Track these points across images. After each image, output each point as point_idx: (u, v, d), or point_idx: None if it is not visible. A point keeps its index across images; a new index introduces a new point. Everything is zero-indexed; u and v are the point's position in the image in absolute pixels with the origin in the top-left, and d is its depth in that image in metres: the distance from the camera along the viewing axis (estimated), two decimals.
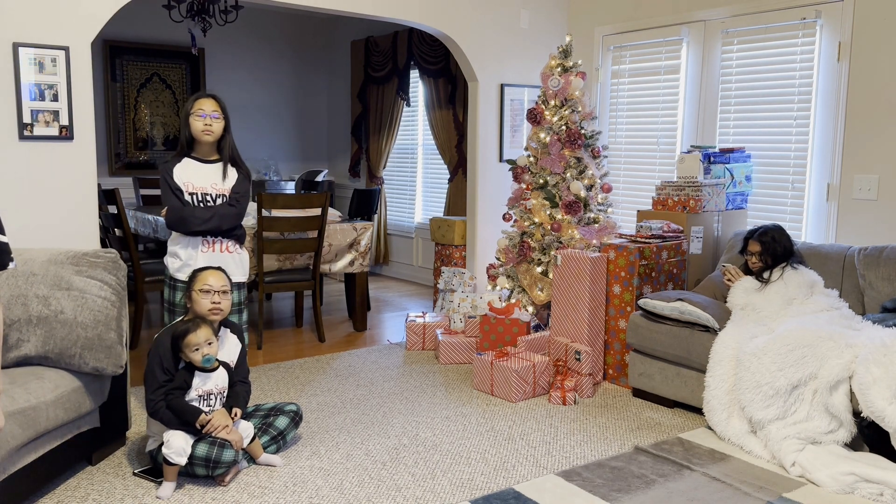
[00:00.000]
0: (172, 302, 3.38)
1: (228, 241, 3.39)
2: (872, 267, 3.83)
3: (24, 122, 3.62)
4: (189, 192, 3.29)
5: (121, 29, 6.96)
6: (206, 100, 3.28)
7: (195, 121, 3.26)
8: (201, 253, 3.32)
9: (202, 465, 2.96)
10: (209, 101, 3.28)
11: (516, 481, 3.08)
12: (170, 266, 3.37)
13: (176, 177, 3.29)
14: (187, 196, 3.29)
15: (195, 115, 3.26)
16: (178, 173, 3.30)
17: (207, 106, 3.27)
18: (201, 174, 3.33)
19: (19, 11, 3.60)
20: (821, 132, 4.43)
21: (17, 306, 2.96)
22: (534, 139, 4.95)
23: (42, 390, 2.79)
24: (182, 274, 3.32)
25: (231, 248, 3.39)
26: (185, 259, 3.32)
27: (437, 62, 6.75)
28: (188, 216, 3.26)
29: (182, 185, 3.29)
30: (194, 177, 3.32)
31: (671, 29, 5.15)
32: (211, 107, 3.28)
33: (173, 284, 3.38)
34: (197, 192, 3.30)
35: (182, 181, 3.29)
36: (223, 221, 3.31)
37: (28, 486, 2.78)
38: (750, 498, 2.93)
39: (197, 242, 3.32)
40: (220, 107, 3.31)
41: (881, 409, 2.98)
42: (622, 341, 4.28)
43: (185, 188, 3.29)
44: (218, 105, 3.30)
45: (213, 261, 3.31)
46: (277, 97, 8.16)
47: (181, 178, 3.30)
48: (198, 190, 3.31)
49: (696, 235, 4.46)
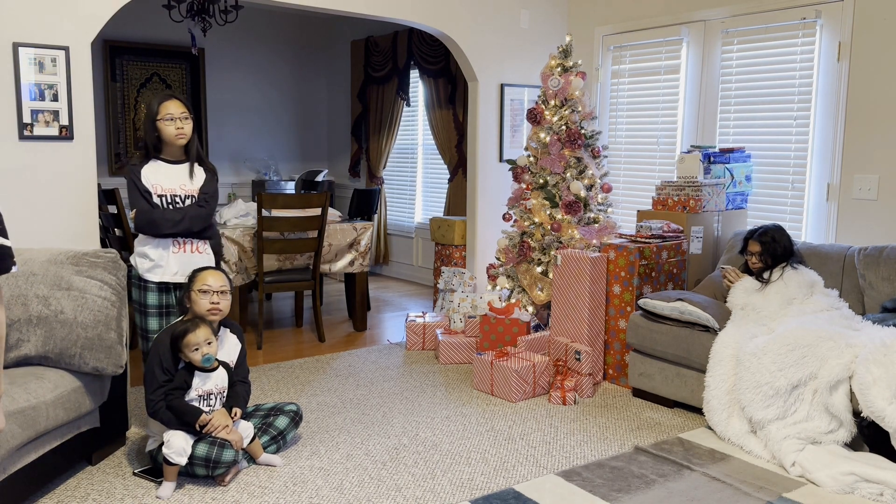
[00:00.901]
0: (143, 303, 3.33)
1: (199, 242, 3.35)
2: (872, 267, 3.83)
3: (24, 122, 3.62)
4: (158, 194, 3.24)
5: (121, 29, 6.96)
6: (171, 102, 3.22)
7: (166, 126, 3.21)
8: (172, 254, 3.28)
9: (202, 465, 2.96)
10: (175, 103, 3.22)
11: (516, 481, 3.08)
12: (139, 266, 3.31)
13: (144, 179, 3.24)
14: (156, 198, 3.24)
15: (164, 119, 3.20)
16: (146, 175, 3.25)
17: (175, 109, 3.21)
18: (170, 175, 3.28)
19: (19, 11, 3.60)
20: (821, 132, 4.43)
21: (17, 306, 2.96)
22: (534, 139, 4.95)
23: (42, 390, 2.79)
24: (152, 275, 3.28)
25: (201, 249, 3.36)
26: (155, 259, 3.27)
27: (437, 62, 6.75)
28: (158, 219, 3.21)
29: (150, 187, 3.24)
30: (163, 179, 3.27)
31: (671, 29, 5.15)
32: (179, 109, 3.22)
33: (143, 285, 3.31)
34: (166, 194, 3.26)
35: (150, 183, 3.24)
36: (193, 223, 3.27)
37: (28, 486, 2.78)
38: (750, 498, 2.93)
39: (167, 243, 3.28)
40: (187, 108, 3.27)
41: (881, 408, 2.98)
42: (622, 341, 4.28)
43: (153, 190, 3.24)
44: (184, 106, 3.25)
45: (183, 261, 3.27)
46: (277, 97, 8.16)
47: (149, 180, 3.25)
48: (167, 192, 3.26)
49: (696, 235, 4.46)
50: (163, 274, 3.26)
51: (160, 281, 3.27)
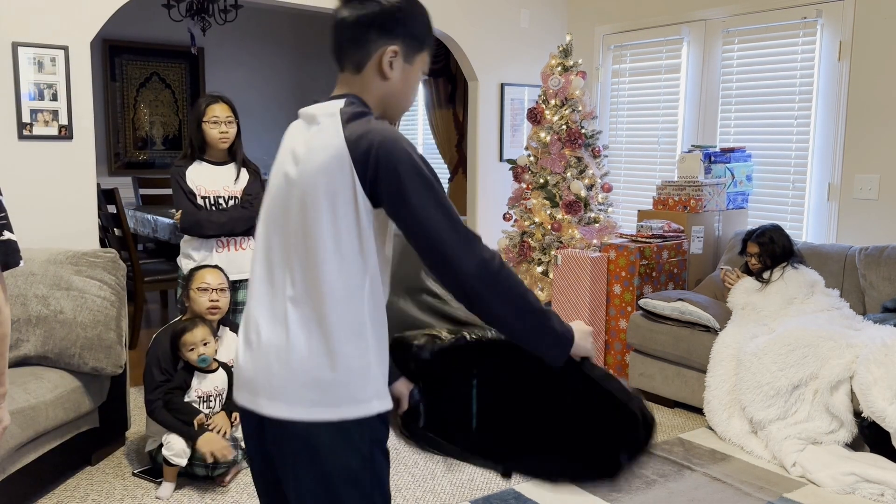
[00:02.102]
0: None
1: (242, 240, 3.37)
2: (873, 267, 3.82)
3: (24, 122, 3.61)
4: (202, 195, 3.28)
5: (120, 28, 6.95)
6: (218, 105, 3.26)
7: (210, 129, 3.25)
8: (216, 253, 3.31)
9: (202, 466, 2.95)
10: (222, 106, 3.27)
11: (516, 481, 3.08)
12: (184, 268, 3.34)
13: (189, 180, 3.28)
14: (200, 200, 3.28)
15: (209, 122, 3.24)
16: (190, 177, 3.29)
17: (221, 112, 3.26)
18: (213, 177, 3.32)
19: (19, 11, 3.59)
20: (821, 132, 4.42)
21: (16, 306, 2.95)
22: (534, 139, 4.94)
23: (41, 390, 2.79)
24: None
25: (244, 245, 3.38)
26: (199, 260, 3.30)
27: (437, 62, 6.74)
28: (203, 220, 3.25)
29: (195, 188, 3.28)
30: (207, 180, 3.31)
31: (671, 28, 5.14)
32: (225, 113, 3.27)
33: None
34: (209, 196, 3.29)
35: (195, 185, 3.28)
36: (237, 225, 3.30)
37: (28, 486, 2.77)
38: (750, 498, 2.92)
39: (211, 244, 3.31)
40: (233, 111, 3.31)
41: (882, 409, 2.98)
42: (622, 341, 4.28)
43: (197, 192, 3.28)
44: (231, 109, 3.30)
45: (228, 260, 3.30)
46: (277, 96, 8.16)
47: (194, 181, 3.29)
48: (210, 193, 3.30)
49: (696, 235, 4.45)
50: None
51: None
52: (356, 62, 1.49)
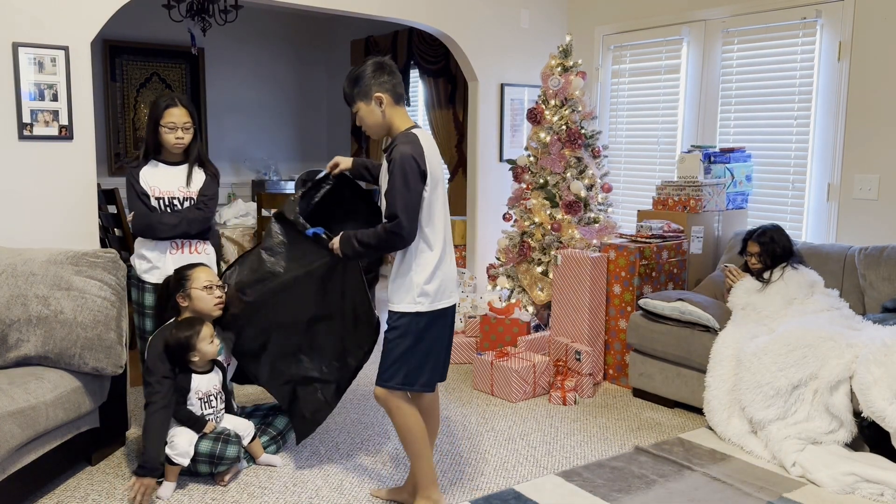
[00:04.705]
0: (141, 303, 3.31)
1: (198, 243, 3.33)
2: (873, 267, 3.82)
3: (24, 122, 3.61)
4: (155, 196, 3.23)
5: (120, 29, 6.95)
6: (177, 109, 3.18)
7: (167, 134, 3.18)
8: (170, 255, 3.26)
9: (206, 462, 2.96)
10: (180, 111, 3.18)
11: (516, 481, 3.08)
12: (137, 267, 3.30)
13: (142, 181, 3.22)
14: (154, 200, 3.23)
15: (166, 126, 3.18)
16: (144, 178, 3.23)
17: (179, 118, 3.18)
18: (168, 177, 3.26)
19: (19, 11, 3.59)
20: (821, 132, 4.42)
21: (16, 306, 2.95)
22: (534, 139, 4.94)
23: (41, 390, 2.79)
24: (150, 276, 3.27)
25: (199, 249, 3.34)
26: (153, 261, 3.26)
27: (437, 62, 6.74)
28: (155, 223, 3.19)
29: (148, 189, 3.22)
30: (161, 181, 3.25)
31: (671, 28, 5.15)
32: (183, 119, 3.19)
33: (141, 286, 3.30)
34: (163, 197, 3.24)
35: (149, 186, 3.23)
36: (191, 226, 3.25)
37: (28, 486, 2.77)
38: (750, 498, 2.93)
39: (165, 245, 3.26)
40: (191, 115, 3.23)
41: (882, 409, 2.98)
42: (622, 341, 4.28)
43: (151, 192, 3.22)
44: (188, 115, 3.21)
45: (181, 262, 3.24)
46: (277, 96, 8.16)
47: (148, 182, 3.23)
48: (164, 194, 3.24)
49: (696, 235, 4.46)
50: (160, 275, 3.25)
51: (157, 282, 3.26)
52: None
